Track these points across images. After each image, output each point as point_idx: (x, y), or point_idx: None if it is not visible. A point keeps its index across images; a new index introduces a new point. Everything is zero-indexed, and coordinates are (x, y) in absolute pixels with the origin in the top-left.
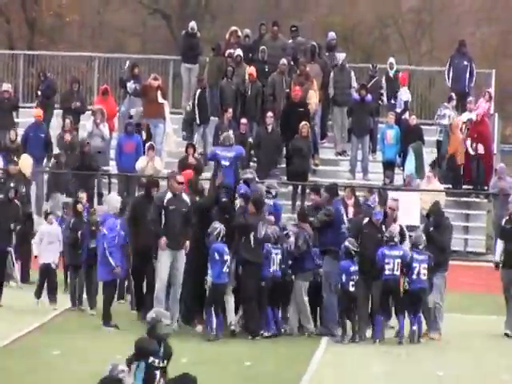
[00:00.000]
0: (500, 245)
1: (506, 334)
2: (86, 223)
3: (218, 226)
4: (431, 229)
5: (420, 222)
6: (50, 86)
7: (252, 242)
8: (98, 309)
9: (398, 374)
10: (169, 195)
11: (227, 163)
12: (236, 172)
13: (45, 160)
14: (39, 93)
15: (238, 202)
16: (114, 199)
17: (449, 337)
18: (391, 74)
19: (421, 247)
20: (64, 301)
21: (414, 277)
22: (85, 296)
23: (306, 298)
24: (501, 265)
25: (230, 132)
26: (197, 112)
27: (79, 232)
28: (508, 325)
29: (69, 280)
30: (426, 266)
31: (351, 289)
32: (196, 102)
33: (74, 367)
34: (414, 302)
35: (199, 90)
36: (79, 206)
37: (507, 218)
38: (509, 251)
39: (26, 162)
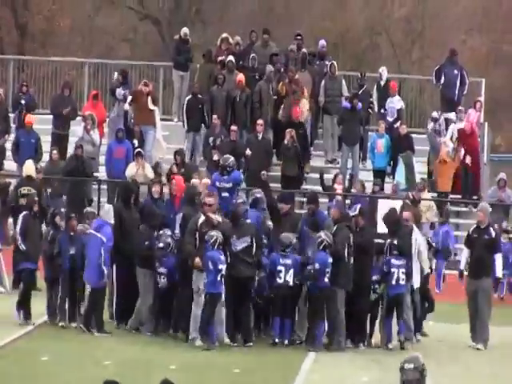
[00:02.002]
0: (465, 253)
1: (478, 349)
2: (62, 231)
3: (214, 234)
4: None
5: None
6: (33, 101)
7: (228, 255)
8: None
9: (387, 382)
10: (202, 218)
11: (227, 194)
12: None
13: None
14: (23, 102)
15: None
16: (111, 208)
17: (439, 346)
18: (382, 83)
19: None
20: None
21: (394, 282)
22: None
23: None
24: (465, 273)
25: (232, 159)
26: (185, 118)
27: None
28: (476, 337)
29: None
30: (404, 270)
31: (325, 280)
32: (185, 108)
33: (64, 373)
34: (392, 309)
35: (189, 97)
36: (57, 218)
37: (474, 226)
38: (474, 260)
39: (31, 166)
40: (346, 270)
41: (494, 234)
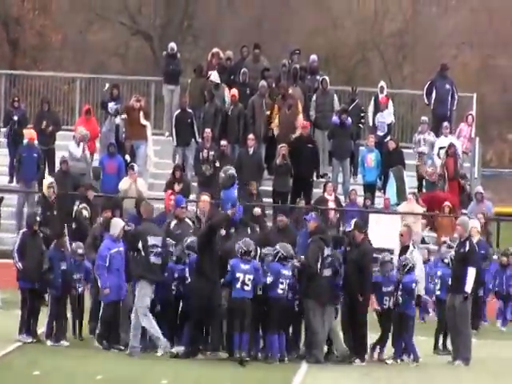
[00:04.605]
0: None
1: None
2: (52, 248)
3: (239, 245)
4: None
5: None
6: (24, 116)
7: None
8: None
9: None
10: None
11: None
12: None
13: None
14: (15, 117)
15: None
16: (119, 222)
17: (429, 359)
18: (381, 97)
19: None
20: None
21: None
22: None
23: None
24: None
25: (232, 170)
26: (174, 133)
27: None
28: (459, 355)
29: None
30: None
31: (279, 292)
32: (173, 123)
33: None
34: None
35: (178, 111)
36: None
37: (458, 241)
38: (452, 274)
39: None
40: (318, 283)
41: (467, 248)
